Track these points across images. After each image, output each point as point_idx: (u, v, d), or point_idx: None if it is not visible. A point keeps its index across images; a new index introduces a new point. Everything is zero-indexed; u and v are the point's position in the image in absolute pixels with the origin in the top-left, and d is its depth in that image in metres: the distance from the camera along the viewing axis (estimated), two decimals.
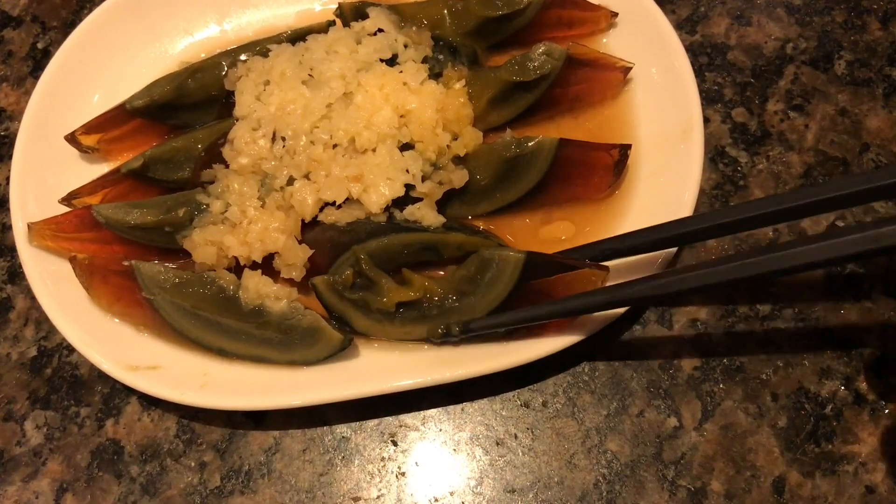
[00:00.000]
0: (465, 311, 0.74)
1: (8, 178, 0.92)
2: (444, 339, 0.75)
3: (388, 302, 0.75)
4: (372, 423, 0.78)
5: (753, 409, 0.76)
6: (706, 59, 0.92)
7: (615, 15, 0.87)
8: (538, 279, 0.72)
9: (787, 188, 0.84)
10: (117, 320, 0.79)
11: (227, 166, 0.80)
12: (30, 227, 0.80)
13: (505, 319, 0.73)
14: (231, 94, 0.84)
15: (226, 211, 0.77)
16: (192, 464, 0.78)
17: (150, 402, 0.81)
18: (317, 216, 0.77)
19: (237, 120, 0.81)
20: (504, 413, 0.78)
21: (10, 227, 0.90)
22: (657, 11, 0.85)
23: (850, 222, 0.82)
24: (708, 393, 0.77)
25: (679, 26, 0.92)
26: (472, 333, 0.74)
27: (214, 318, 0.76)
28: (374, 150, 0.78)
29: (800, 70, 0.90)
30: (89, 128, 0.85)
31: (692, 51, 0.91)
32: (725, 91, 0.90)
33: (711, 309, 0.80)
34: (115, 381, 0.81)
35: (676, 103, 0.82)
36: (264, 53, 0.84)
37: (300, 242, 0.77)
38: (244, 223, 0.76)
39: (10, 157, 0.93)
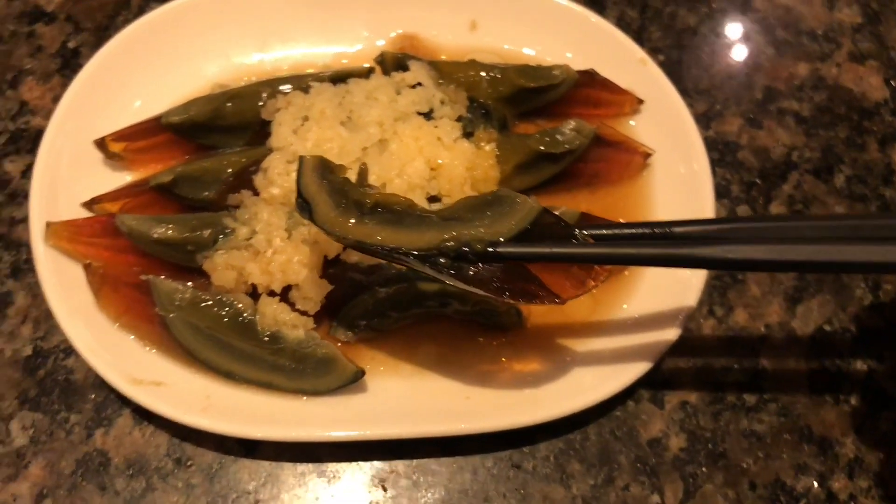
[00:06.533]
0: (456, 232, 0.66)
1: (23, 172, 0.92)
2: (446, 258, 0.65)
3: (370, 196, 0.70)
4: (364, 465, 0.79)
5: (732, 495, 0.79)
6: (717, 154, 0.97)
7: (641, 102, 0.92)
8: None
9: (782, 287, 0.88)
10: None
11: (255, 193, 0.81)
12: (48, 225, 0.79)
13: (541, 251, 0.65)
14: (265, 123, 0.86)
15: (251, 238, 0.78)
16: (180, 484, 0.77)
17: (143, 417, 0.80)
18: (339, 255, 0.78)
19: (272, 150, 0.83)
20: (495, 472, 0.79)
21: (19, 222, 0.89)
22: (682, 105, 0.90)
23: None
24: (691, 475, 0.80)
25: (696, 120, 0.97)
26: (492, 260, 0.65)
27: (228, 341, 0.76)
28: None
29: (803, 178, 0.95)
30: (120, 136, 0.85)
31: (705, 145, 0.95)
32: (733, 187, 0.95)
33: (701, 394, 0.83)
34: (109, 391, 0.80)
35: (690, 195, 0.86)
36: (305, 89, 0.86)
37: (320, 277, 0.78)
38: (268, 252, 0.77)
39: (28, 150, 0.94)
